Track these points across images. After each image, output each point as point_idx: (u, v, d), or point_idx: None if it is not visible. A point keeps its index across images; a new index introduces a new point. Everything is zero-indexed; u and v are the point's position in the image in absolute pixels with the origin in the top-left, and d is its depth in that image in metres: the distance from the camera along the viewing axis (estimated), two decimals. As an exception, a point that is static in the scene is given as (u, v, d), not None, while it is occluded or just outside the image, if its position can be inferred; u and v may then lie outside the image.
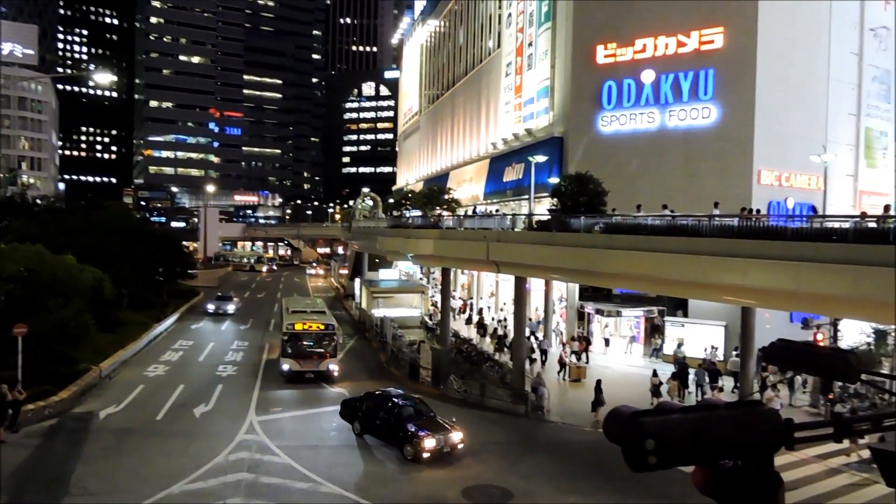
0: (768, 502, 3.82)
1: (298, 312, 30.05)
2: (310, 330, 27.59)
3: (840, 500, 16.20)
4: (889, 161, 38.33)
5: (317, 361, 27.09)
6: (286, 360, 27.11)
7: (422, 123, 79.30)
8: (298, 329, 27.40)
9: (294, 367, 26.86)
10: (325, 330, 27.75)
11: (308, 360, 27.04)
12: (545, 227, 27.14)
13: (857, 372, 4.86)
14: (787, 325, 27.35)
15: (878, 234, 15.64)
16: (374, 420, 19.90)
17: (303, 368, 26.92)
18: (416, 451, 18.30)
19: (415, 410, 19.73)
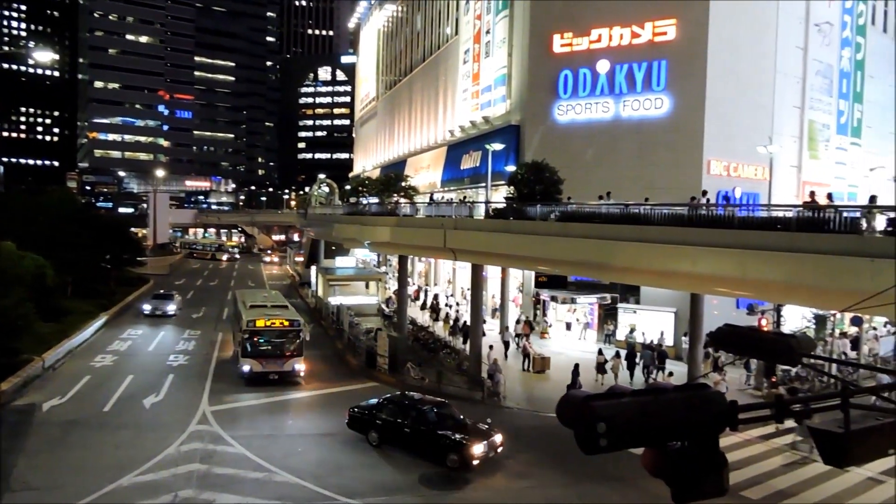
0: (714, 481, 3.95)
1: (258, 307, 27.73)
2: (273, 327, 25.25)
3: (781, 478, 16.90)
4: (831, 153, 39.86)
5: (281, 361, 24.82)
6: (246, 361, 24.58)
7: (379, 109, 78.59)
8: (260, 326, 25.05)
9: (256, 368, 24.48)
10: (289, 327, 25.47)
11: (271, 359, 24.75)
12: (502, 214, 27.33)
13: (798, 355, 5.06)
14: (734, 310, 28.28)
15: (817, 223, 16.25)
16: (398, 429, 18.04)
17: (265, 369, 24.57)
18: (463, 460, 16.70)
19: (447, 415, 18.13)
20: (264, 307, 27.99)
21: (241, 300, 30.09)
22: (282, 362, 24.85)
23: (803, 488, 16.26)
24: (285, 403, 22.89)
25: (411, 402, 18.72)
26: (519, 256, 25.77)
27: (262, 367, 24.59)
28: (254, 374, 24.49)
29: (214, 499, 15.04)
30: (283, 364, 24.83)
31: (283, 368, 24.80)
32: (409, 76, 64.81)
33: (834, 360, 20.90)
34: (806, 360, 5.15)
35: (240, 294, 32.50)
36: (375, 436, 18.64)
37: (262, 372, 24.52)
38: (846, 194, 40.50)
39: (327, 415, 21.92)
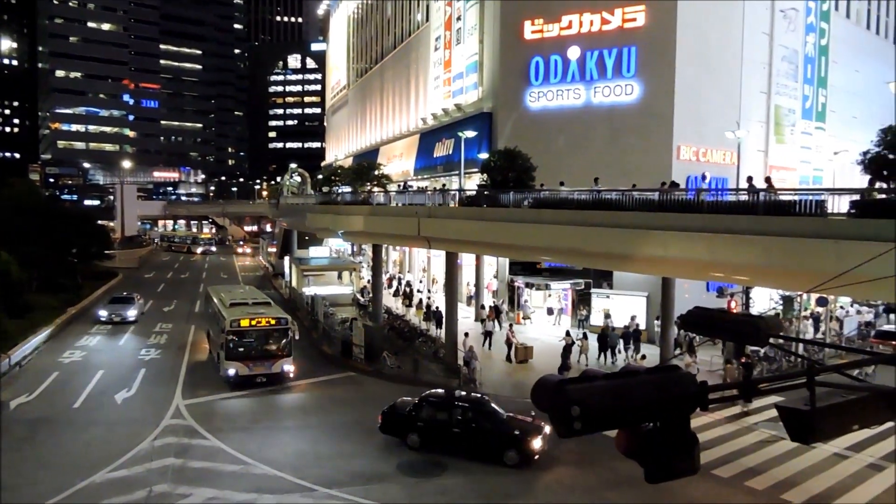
0: (685, 461, 4.03)
1: (239, 305, 25.80)
2: (259, 326, 23.64)
3: (750, 456, 17.33)
4: (796, 137, 40.63)
5: (269, 363, 23.32)
6: (231, 363, 22.96)
7: (350, 98, 77.84)
8: (245, 326, 23.39)
9: (242, 371, 22.91)
10: (276, 325, 23.84)
11: (258, 361, 23.16)
12: (475, 202, 27.35)
13: (765, 336, 5.17)
14: (704, 293, 28.77)
15: (784, 207, 16.59)
16: (444, 430, 17.18)
17: (253, 372, 23.00)
18: (523, 455, 16.36)
19: (491, 411, 17.42)
20: (245, 304, 26.17)
21: (217, 298, 27.82)
22: (270, 363, 23.34)
23: (772, 465, 16.70)
24: (261, 396, 22.73)
25: (455, 400, 17.80)
26: (493, 244, 25.87)
27: (249, 369, 23.01)
28: (240, 378, 22.92)
29: (190, 493, 14.92)
30: (271, 365, 23.33)
31: (271, 370, 23.29)
32: (380, 64, 64.24)
33: (800, 339, 21.43)
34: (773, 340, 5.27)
35: (214, 291, 30.18)
36: (416, 438, 17.46)
37: (248, 375, 22.97)
38: (811, 178, 41.42)
39: (304, 405, 21.86)
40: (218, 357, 24.61)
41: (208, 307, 29.98)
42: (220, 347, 23.91)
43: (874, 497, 14.99)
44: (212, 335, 27.56)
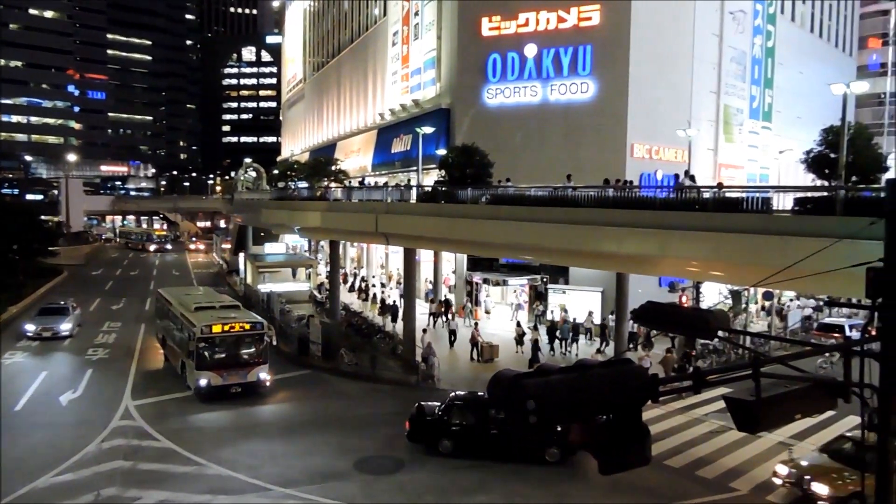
0: (637, 452, 4.12)
1: (205, 308, 23.66)
2: (232, 332, 21.74)
3: (700, 447, 17.83)
4: (744, 136, 41.93)
5: (244, 371, 21.56)
6: (202, 374, 20.96)
7: (307, 92, 76.80)
8: (217, 332, 21.42)
9: (215, 382, 20.97)
10: (251, 330, 22.08)
11: (233, 370, 21.37)
12: (433, 198, 27.35)
13: (714, 329, 5.33)
14: (657, 288, 29.45)
15: (732, 204, 17.09)
16: (481, 433, 16.65)
17: (226, 382, 21.14)
18: (565, 450, 16.21)
19: None
20: (212, 308, 23.95)
21: (176, 301, 25.41)
22: (245, 372, 21.58)
23: (721, 455, 17.22)
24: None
25: (482, 403, 17.15)
26: (451, 240, 25.92)
27: (223, 379, 21.10)
28: (212, 389, 20.96)
29: (140, 496, 14.52)
30: (246, 374, 21.57)
31: (246, 379, 21.53)
32: (337, 58, 63.54)
33: (747, 332, 22.14)
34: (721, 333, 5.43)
35: (169, 294, 27.51)
36: (448, 444, 16.83)
37: (222, 385, 21.11)
38: (758, 176, 42.82)
39: (259, 405, 21.49)
40: (182, 367, 22.72)
41: (162, 311, 27.25)
42: (186, 356, 21.95)
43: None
44: (171, 342, 24.98)
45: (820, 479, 13.87)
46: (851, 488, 13.26)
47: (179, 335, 23.55)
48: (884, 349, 5.28)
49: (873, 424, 5.39)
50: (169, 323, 25.60)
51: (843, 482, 13.64)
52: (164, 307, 26.88)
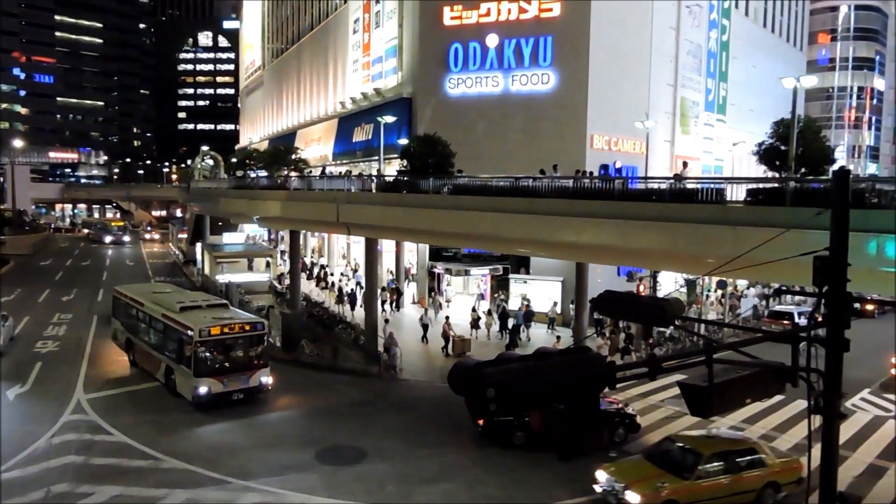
0: (595, 438, 4.20)
1: (192, 308, 21.50)
2: (232, 333, 20.04)
3: (657, 432, 18.27)
4: (700, 128, 42.86)
5: (246, 376, 20.00)
6: (202, 381, 19.21)
7: (266, 79, 75.37)
8: (217, 334, 19.66)
9: (216, 388, 19.38)
10: (251, 331, 20.48)
11: (234, 375, 19.81)
12: (395, 188, 27.22)
13: (670, 317, 5.45)
14: (616, 278, 29.98)
15: (689, 194, 17.47)
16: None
17: (228, 388, 19.62)
18: (630, 430, 17.51)
19: None
20: (199, 307, 21.75)
21: (150, 301, 23.01)
22: (247, 377, 20.03)
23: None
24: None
25: None
26: (413, 230, 25.86)
27: (224, 385, 19.55)
28: (213, 397, 19.35)
29: (93, 491, 14.17)
30: (248, 379, 20.05)
31: (248, 384, 20.07)
32: (297, 45, 62.48)
33: (701, 320, 22.74)
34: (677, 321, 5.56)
35: (135, 292, 24.93)
36: (523, 435, 16.34)
37: (223, 392, 19.52)
38: (713, 167, 43.87)
39: (217, 397, 21.11)
40: (168, 374, 20.87)
41: (126, 312, 24.57)
42: (176, 362, 20.19)
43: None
44: (144, 347, 22.82)
45: (634, 486, 13.09)
46: (665, 495, 13.03)
47: (160, 339, 21.52)
48: (829, 335, 5.49)
49: (819, 407, 5.61)
50: (139, 325, 23.20)
51: (657, 490, 13.09)
52: (128, 307, 24.33)
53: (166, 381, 21.12)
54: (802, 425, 18.69)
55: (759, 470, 14.06)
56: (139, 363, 23.51)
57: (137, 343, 23.53)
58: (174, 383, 20.58)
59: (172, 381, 20.68)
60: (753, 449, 14.49)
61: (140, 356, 23.41)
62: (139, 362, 23.52)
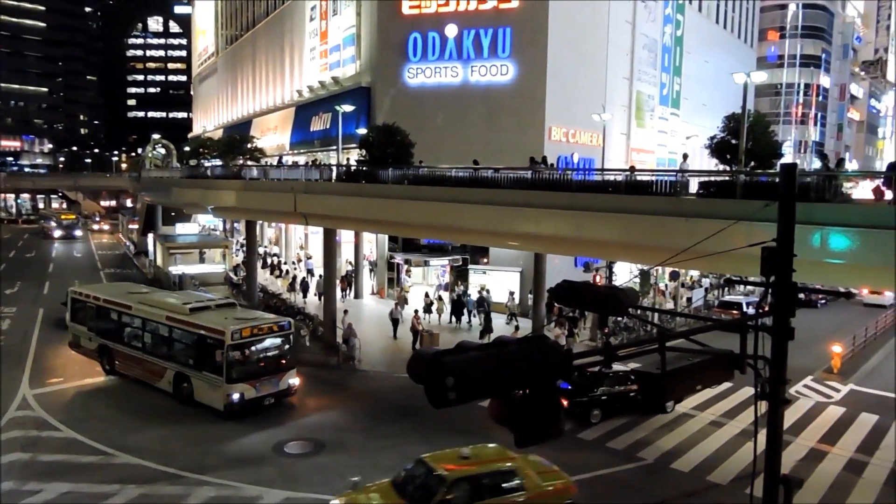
0: (552, 425, 4.27)
1: (202, 310, 19.75)
2: (262, 334, 18.72)
3: (613, 420, 18.67)
4: (654, 122, 43.73)
5: (276, 379, 18.85)
6: (235, 387, 17.86)
7: (220, 66, 73.59)
8: (247, 336, 18.29)
9: (248, 394, 18.12)
10: (279, 331, 19.19)
11: (264, 379, 18.57)
12: (354, 178, 27.01)
13: (625, 307, 5.57)
14: (573, 268, 30.43)
15: (643, 186, 17.84)
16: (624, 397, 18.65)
17: (260, 393, 18.42)
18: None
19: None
20: (208, 308, 20.02)
21: (143, 304, 20.83)
22: (277, 380, 18.90)
23: (630, 427, 18.12)
24: (122, 383, 21.25)
25: (621, 372, 18.46)
26: (372, 220, 25.73)
27: (256, 390, 18.34)
28: (246, 403, 18.12)
29: (41, 488, 13.73)
30: (278, 382, 18.93)
31: (278, 387, 18.96)
32: (252, 31, 61.16)
33: (655, 309, 23.29)
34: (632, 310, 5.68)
35: (110, 293, 22.60)
36: (599, 412, 18.21)
37: (255, 398, 18.34)
38: (667, 160, 44.83)
39: (171, 391, 20.68)
40: (178, 383, 19.19)
41: (91, 316, 22.45)
42: (198, 369, 18.61)
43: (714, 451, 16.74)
44: (135, 354, 20.71)
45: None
46: None
47: (164, 345, 19.83)
48: (775, 324, 5.69)
49: (765, 394, 5.82)
50: (124, 330, 21.18)
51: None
52: (101, 311, 22.10)
53: (176, 391, 19.30)
54: (750, 411, 19.39)
55: (517, 495, 12.14)
56: (123, 372, 21.33)
57: (121, 350, 21.20)
58: (188, 391, 18.90)
59: (186, 389, 18.97)
60: (513, 471, 12.40)
61: (126, 365, 21.16)
62: (123, 371, 21.31)
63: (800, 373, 23.20)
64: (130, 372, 21.10)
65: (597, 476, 14.99)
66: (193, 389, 18.83)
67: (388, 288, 35.93)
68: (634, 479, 14.98)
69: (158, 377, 19.95)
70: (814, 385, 22.69)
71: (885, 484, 15.02)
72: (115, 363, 21.56)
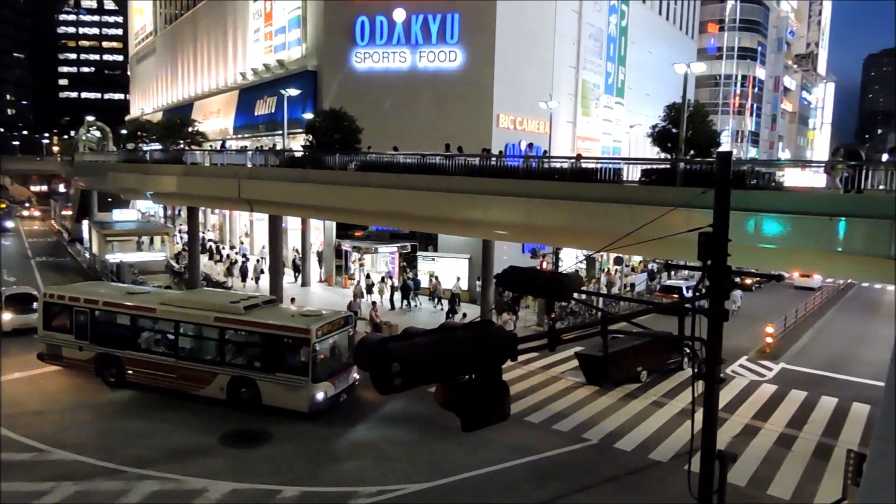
0: (497, 409, 4.32)
1: (254, 307, 18.56)
2: (336, 330, 18.11)
3: (558, 402, 19.10)
4: (600, 110, 44.49)
5: (346, 374, 18.31)
6: (319, 386, 17.07)
7: (158, 46, 70.85)
8: (329, 332, 17.65)
9: (330, 392, 17.40)
10: (346, 325, 18.61)
11: (340, 375, 18.00)
12: (300, 164, 26.56)
13: (570, 292, 5.68)
14: (520, 255, 30.81)
15: (588, 174, 18.18)
16: None
17: (337, 390, 17.80)
18: None
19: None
20: (257, 307, 18.75)
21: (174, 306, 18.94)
22: (346, 375, 18.34)
23: (575, 409, 18.56)
24: (55, 375, 20.41)
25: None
26: (319, 206, 25.41)
27: (335, 388, 17.71)
28: (330, 401, 17.41)
29: (-31, 489, 13.09)
30: (348, 377, 18.37)
31: (349, 382, 18.40)
32: (192, 10, 59.03)
33: (599, 293, 23.82)
34: (577, 295, 5.80)
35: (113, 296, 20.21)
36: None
37: (334, 395, 17.65)
38: (612, 148, 45.76)
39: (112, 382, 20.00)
40: (236, 388, 17.77)
41: (85, 322, 19.90)
42: (275, 370, 17.36)
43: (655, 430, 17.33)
44: (170, 362, 18.67)
45: None
46: None
47: (212, 349, 18.38)
48: (711, 306, 5.91)
49: (701, 374, 6.05)
50: (142, 336, 19.33)
51: None
52: (104, 315, 19.77)
53: (232, 397, 17.86)
54: (689, 391, 20.12)
55: None
56: (140, 382, 19.15)
57: (136, 358, 19.10)
58: (249, 396, 17.63)
59: (247, 394, 17.68)
60: None
61: (145, 374, 19.03)
62: (141, 381, 19.12)
63: (735, 353, 24.20)
64: (153, 382, 18.93)
65: (545, 457, 15.31)
66: (260, 394, 17.49)
67: (335, 275, 35.57)
68: (581, 459, 15.37)
69: (203, 384, 18.21)
70: (748, 365, 23.72)
71: (812, 456, 15.87)
72: (127, 373, 19.26)
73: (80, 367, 19.98)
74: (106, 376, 19.53)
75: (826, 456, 15.83)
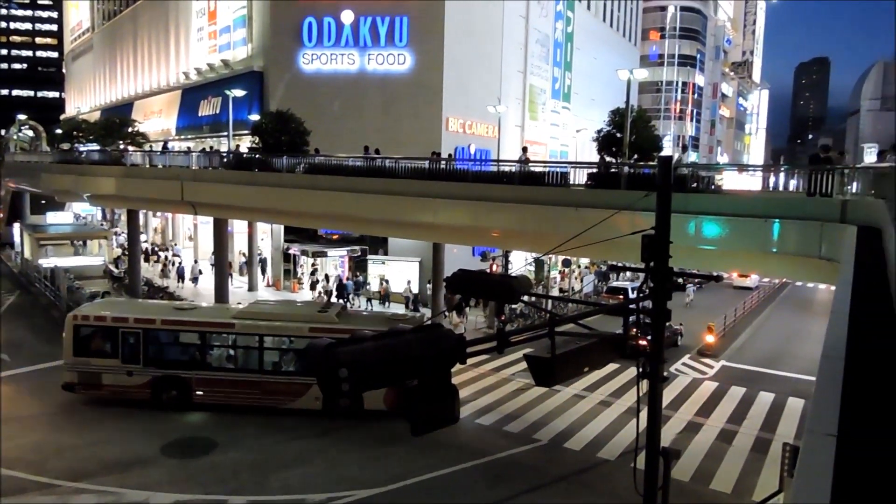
0: (447, 412, 4.32)
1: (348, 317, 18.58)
2: None
3: (508, 404, 19.26)
4: (547, 115, 45.20)
5: None
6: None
7: (96, 43, 68.29)
8: None
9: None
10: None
11: None
12: (246, 166, 26.03)
13: (518, 294, 5.73)
14: (471, 258, 30.95)
15: (536, 178, 18.42)
16: None
17: None
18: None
19: None
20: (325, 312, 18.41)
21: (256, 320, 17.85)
22: None
23: (525, 410, 18.75)
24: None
25: None
26: (266, 210, 24.94)
27: None
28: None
29: None
30: None
31: None
32: (132, 7, 57.16)
33: (546, 296, 24.17)
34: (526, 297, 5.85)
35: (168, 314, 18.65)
36: None
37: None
38: (559, 152, 46.54)
39: (42, 393, 19.09)
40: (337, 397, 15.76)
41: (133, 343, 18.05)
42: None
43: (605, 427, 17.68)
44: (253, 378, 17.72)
45: None
46: None
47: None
48: (653, 306, 6.06)
49: (646, 372, 6.19)
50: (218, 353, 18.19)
51: None
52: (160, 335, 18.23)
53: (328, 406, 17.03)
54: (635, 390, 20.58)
55: None
56: (212, 402, 17.88)
57: (207, 378, 17.79)
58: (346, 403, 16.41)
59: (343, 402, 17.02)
60: None
61: (220, 392, 17.81)
62: (214, 401, 17.87)
63: (678, 353, 24.91)
64: (229, 400, 17.82)
65: (496, 459, 15.40)
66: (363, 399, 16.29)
67: (283, 279, 34.97)
68: (531, 459, 15.53)
69: (294, 397, 17.47)
70: (690, 363, 24.46)
71: (752, 450, 16.47)
72: (196, 394, 17.88)
73: (128, 394, 18.07)
74: (162, 400, 17.97)
75: (764, 449, 16.46)
